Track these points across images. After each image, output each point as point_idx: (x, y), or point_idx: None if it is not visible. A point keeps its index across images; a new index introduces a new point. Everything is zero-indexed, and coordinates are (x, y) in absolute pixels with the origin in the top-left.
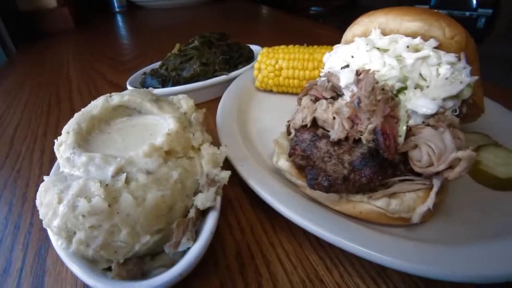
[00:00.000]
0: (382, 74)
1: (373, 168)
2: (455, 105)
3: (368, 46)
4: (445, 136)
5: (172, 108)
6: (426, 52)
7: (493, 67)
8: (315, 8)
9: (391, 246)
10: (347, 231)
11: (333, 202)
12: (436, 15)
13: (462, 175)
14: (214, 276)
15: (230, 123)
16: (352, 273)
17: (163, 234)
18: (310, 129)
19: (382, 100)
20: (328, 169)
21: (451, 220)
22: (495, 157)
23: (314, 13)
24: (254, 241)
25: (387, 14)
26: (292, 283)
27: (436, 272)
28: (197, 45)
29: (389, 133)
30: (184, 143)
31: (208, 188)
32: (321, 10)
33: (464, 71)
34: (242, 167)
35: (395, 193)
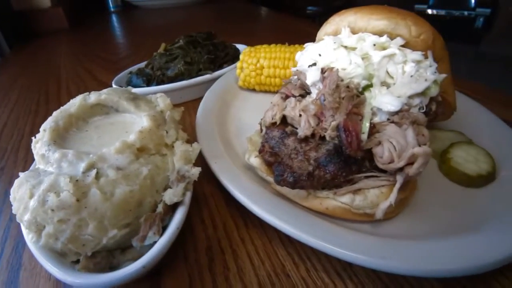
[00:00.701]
0: (348, 72)
1: (337, 164)
2: (422, 103)
3: (335, 45)
4: (408, 133)
5: (149, 107)
6: (392, 50)
7: (492, 66)
8: (312, 7)
9: (352, 241)
10: (311, 226)
11: (301, 198)
12: (404, 14)
13: (421, 171)
14: (183, 270)
15: (210, 121)
16: (318, 268)
17: (131, 228)
18: (280, 127)
19: (346, 98)
20: (294, 165)
21: (417, 216)
22: (466, 154)
23: (311, 13)
24: (225, 237)
25: (356, 13)
26: (258, 277)
27: (393, 266)
28: (182, 44)
29: (351, 130)
30: (156, 140)
31: (177, 184)
32: (318, 10)
33: (430, 69)
34: (215, 164)
35: (359, 189)
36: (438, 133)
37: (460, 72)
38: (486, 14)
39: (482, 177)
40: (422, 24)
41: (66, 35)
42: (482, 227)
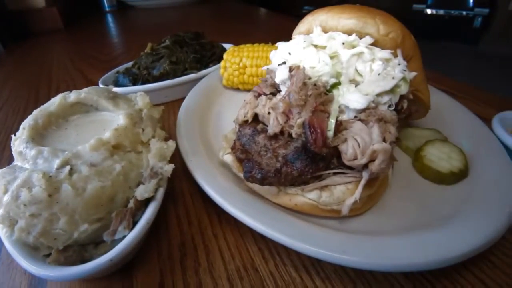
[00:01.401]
0: (316, 70)
1: (304, 161)
2: (391, 100)
3: (305, 43)
4: (373, 130)
5: (128, 105)
6: (360, 48)
7: (490, 66)
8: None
9: (315, 236)
10: (276, 222)
11: (272, 195)
12: (374, 13)
13: (383, 167)
14: (155, 265)
15: (191, 119)
16: (287, 263)
17: (103, 223)
18: (251, 124)
19: (312, 95)
20: (263, 162)
21: (387, 213)
22: (439, 152)
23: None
24: (199, 233)
25: (328, 12)
26: (227, 271)
27: (353, 260)
28: (168, 44)
29: (316, 127)
30: (132, 138)
31: (150, 180)
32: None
33: (398, 67)
34: (191, 162)
35: (326, 186)
36: (414, 131)
37: (459, 72)
38: (484, 13)
39: (453, 174)
40: (391, 23)
41: (60, 35)
42: (448, 223)
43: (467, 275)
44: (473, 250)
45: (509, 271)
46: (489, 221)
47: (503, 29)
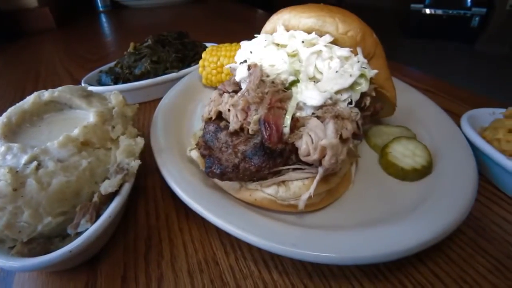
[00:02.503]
0: (276, 68)
1: (262, 157)
2: (351, 97)
3: (266, 42)
4: (328, 127)
5: (101, 103)
6: (318, 47)
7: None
8: None
9: (269, 230)
10: (232, 216)
11: (234, 190)
12: (334, 12)
13: (333, 162)
14: (120, 258)
15: (167, 117)
16: (247, 257)
17: (67, 216)
18: (216, 121)
19: (269, 92)
20: (223, 158)
21: (348, 208)
22: (404, 149)
23: None
24: (166, 227)
25: (291, 11)
26: (189, 264)
27: (302, 253)
28: (150, 44)
29: (271, 124)
30: (101, 135)
31: (115, 175)
32: None
33: (357, 64)
34: (160, 158)
35: (284, 181)
36: (384, 128)
37: (456, 71)
38: (481, 13)
39: (416, 171)
40: (350, 22)
41: (52, 35)
42: (403, 218)
43: (422, 269)
44: (421, 244)
45: (464, 265)
46: (441, 216)
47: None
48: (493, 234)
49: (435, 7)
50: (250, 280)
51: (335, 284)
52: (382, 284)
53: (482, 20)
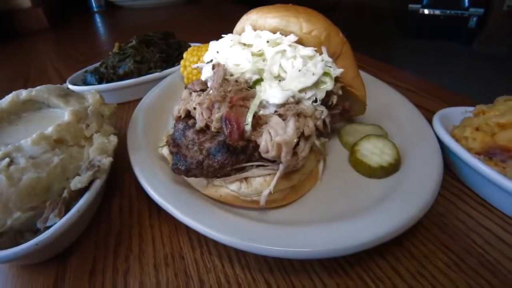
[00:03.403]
0: (241, 67)
1: (224, 154)
2: (316, 96)
3: (232, 42)
4: (289, 124)
5: (78, 102)
6: (282, 46)
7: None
8: None
9: (228, 225)
10: (193, 210)
11: (202, 187)
12: (299, 12)
13: (289, 159)
14: (90, 252)
15: (146, 116)
16: (213, 252)
17: (37, 211)
18: (185, 119)
19: (232, 91)
20: (189, 155)
21: (312, 205)
22: (373, 147)
23: None
24: (137, 223)
25: (258, 12)
26: (155, 258)
27: (259, 247)
28: (135, 44)
29: (233, 121)
30: (74, 133)
31: (86, 172)
32: None
33: (320, 63)
34: (134, 156)
35: (247, 178)
36: (357, 127)
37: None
38: (479, 13)
39: (383, 169)
40: (314, 22)
41: (45, 35)
42: (364, 213)
43: (382, 264)
44: (377, 239)
45: (424, 260)
46: (399, 212)
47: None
48: (456, 230)
49: (433, 7)
50: (213, 274)
51: (295, 278)
52: (341, 278)
53: (480, 21)
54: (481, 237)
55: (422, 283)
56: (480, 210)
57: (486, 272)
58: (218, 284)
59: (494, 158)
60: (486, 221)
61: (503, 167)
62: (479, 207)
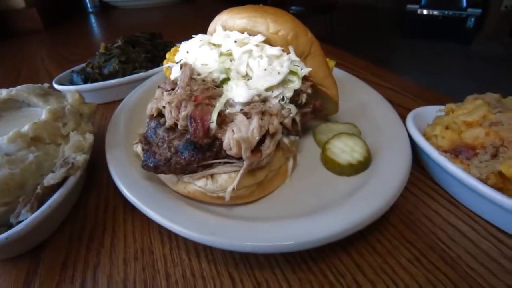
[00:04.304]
0: (208, 67)
1: (191, 151)
2: (284, 94)
3: (201, 42)
4: (252, 122)
5: (58, 101)
6: (249, 46)
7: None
8: (295, 7)
9: (191, 220)
10: (159, 205)
11: (172, 183)
12: (267, 12)
13: (248, 156)
14: (63, 246)
15: (126, 114)
16: (181, 247)
17: (10, 207)
18: (157, 118)
19: (198, 90)
20: (158, 152)
21: (279, 201)
22: (344, 145)
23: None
24: (112, 219)
25: (228, 12)
26: (126, 253)
27: (219, 242)
28: (120, 44)
29: (197, 119)
30: (51, 131)
31: (60, 169)
32: (301, 10)
33: (286, 63)
34: (110, 154)
35: (213, 174)
36: (332, 125)
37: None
38: (477, 14)
39: (352, 166)
40: (281, 22)
41: (38, 35)
42: (326, 210)
43: (346, 260)
44: (332, 236)
45: (388, 256)
46: (359, 209)
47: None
48: (422, 226)
49: (431, 7)
50: (179, 267)
51: (258, 272)
52: (303, 273)
53: (478, 21)
54: (446, 233)
55: (383, 278)
56: (448, 207)
57: (447, 267)
58: (183, 277)
59: (460, 155)
60: (452, 218)
61: (468, 164)
62: (448, 204)
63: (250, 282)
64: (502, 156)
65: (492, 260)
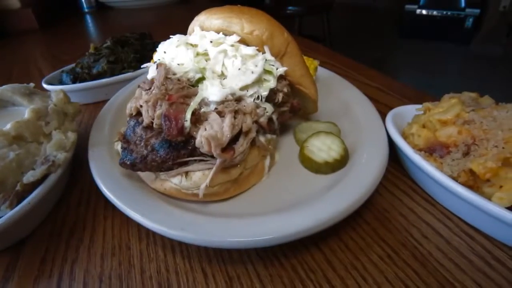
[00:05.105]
0: (184, 66)
1: (167, 149)
2: (259, 93)
3: (178, 42)
4: (225, 120)
5: (42, 101)
6: (224, 46)
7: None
8: (292, 7)
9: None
10: (133, 201)
11: (150, 180)
12: (242, 13)
13: (219, 153)
14: (44, 242)
15: (112, 113)
16: (158, 243)
17: None
18: (136, 117)
19: (173, 89)
20: (135, 150)
21: (254, 198)
22: (321, 144)
23: (291, 13)
24: (92, 215)
25: (206, 13)
26: (104, 248)
27: (188, 237)
28: (109, 44)
29: (171, 118)
30: (33, 129)
31: (40, 166)
32: (298, 10)
33: (260, 62)
34: (91, 152)
35: (188, 172)
36: (313, 124)
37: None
38: (475, 14)
39: (328, 164)
40: (256, 22)
41: (33, 36)
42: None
43: (318, 256)
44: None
45: (360, 253)
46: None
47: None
48: (396, 224)
49: (429, 8)
50: (155, 263)
51: (231, 268)
52: (275, 269)
53: (476, 21)
54: (419, 230)
55: (353, 274)
56: (424, 205)
57: (417, 263)
58: (158, 272)
59: (434, 154)
60: (427, 215)
61: (441, 162)
62: (424, 202)
63: (222, 277)
64: (473, 154)
65: (462, 256)
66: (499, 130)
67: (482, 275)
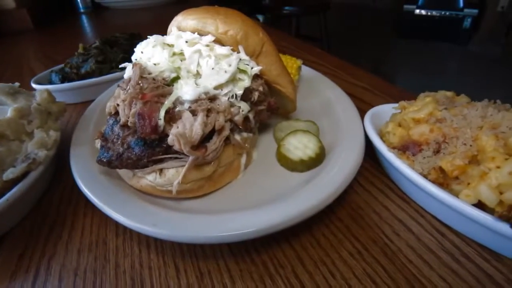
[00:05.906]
0: (160, 66)
1: (141, 147)
2: (234, 92)
3: (154, 42)
4: (197, 119)
5: (26, 100)
6: (198, 46)
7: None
8: (288, 7)
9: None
10: (111, 198)
11: (128, 178)
12: (217, 13)
13: (188, 150)
14: (23, 238)
15: (98, 112)
16: (134, 239)
17: None
18: (115, 115)
19: (148, 88)
20: (112, 148)
21: (229, 196)
22: (298, 142)
23: (287, 13)
24: (73, 212)
25: (183, 14)
26: (81, 244)
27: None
28: (98, 45)
29: (145, 116)
30: (15, 128)
31: (20, 164)
32: (295, 10)
33: (234, 62)
34: (73, 150)
35: (162, 169)
36: (293, 123)
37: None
38: (473, 14)
39: (303, 162)
40: (230, 22)
41: (28, 36)
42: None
43: (288, 252)
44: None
45: (330, 249)
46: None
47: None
48: (369, 221)
49: (428, 8)
50: (129, 258)
51: (202, 263)
52: (246, 264)
53: (474, 21)
54: (391, 227)
55: (321, 270)
56: (398, 203)
57: (386, 260)
58: (132, 267)
59: (407, 152)
60: (400, 213)
61: (413, 160)
62: (398, 199)
63: (193, 272)
64: (444, 152)
65: (431, 252)
66: (468, 128)
67: (449, 271)
